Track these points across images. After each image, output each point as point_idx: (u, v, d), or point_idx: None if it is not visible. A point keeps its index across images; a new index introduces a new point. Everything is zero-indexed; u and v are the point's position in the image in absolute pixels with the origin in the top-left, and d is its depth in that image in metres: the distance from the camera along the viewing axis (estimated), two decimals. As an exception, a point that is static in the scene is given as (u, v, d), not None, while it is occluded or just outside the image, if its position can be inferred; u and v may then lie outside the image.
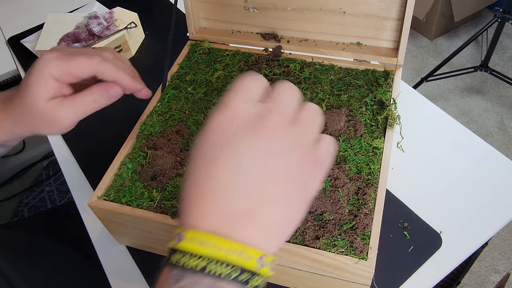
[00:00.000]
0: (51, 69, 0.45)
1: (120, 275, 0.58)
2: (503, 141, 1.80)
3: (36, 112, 0.46)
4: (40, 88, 0.45)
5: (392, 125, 0.56)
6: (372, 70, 0.64)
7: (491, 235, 0.58)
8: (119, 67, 0.48)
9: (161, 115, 0.61)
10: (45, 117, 0.46)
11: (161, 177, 0.53)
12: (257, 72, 0.64)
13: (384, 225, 0.48)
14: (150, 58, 0.89)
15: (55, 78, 0.45)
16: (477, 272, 1.44)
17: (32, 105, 0.46)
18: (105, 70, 0.47)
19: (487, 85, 2.03)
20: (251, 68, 0.65)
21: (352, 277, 0.45)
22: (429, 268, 0.54)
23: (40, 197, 1.71)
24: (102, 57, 0.47)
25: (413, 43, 2.25)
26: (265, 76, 0.64)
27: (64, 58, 0.46)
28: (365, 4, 0.61)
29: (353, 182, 0.50)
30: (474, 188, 0.62)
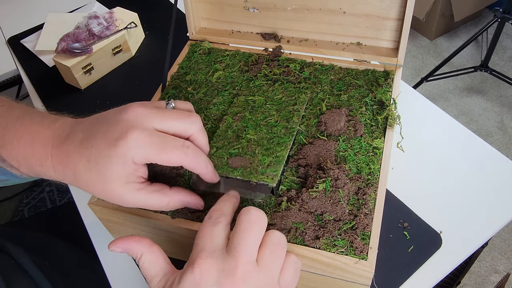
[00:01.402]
0: (136, 156, 0.40)
1: (120, 275, 0.58)
2: (503, 141, 1.80)
3: (106, 190, 0.41)
4: (119, 172, 0.40)
5: (392, 125, 0.56)
6: (372, 70, 0.64)
7: (491, 235, 0.58)
8: (205, 160, 0.44)
9: (161, 115, 0.61)
10: (113, 195, 0.42)
11: (161, 177, 0.53)
12: (257, 71, 0.64)
13: (384, 225, 0.48)
14: (150, 58, 0.89)
15: (136, 163, 0.40)
16: (477, 272, 1.44)
17: (104, 184, 0.41)
18: (193, 167, 0.43)
19: (487, 85, 2.03)
20: (251, 68, 0.65)
21: (352, 277, 0.45)
22: (429, 268, 0.54)
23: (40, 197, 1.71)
24: (190, 152, 0.42)
25: (413, 43, 2.25)
26: (265, 76, 0.64)
27: (156, 147, 0.40)
28: (365, 4, 0.61)
29: (353, 182, 0.50)
30: (474, 188, 0.62)
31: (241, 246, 0.37)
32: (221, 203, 0.43)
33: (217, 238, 0.38)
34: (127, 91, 0.83)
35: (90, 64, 0.83)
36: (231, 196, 0.45)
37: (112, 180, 0.40)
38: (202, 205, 0.48)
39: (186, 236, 0.50)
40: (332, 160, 0.52)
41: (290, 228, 0.47)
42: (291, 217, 0.47)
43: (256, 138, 0.54)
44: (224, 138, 0.55)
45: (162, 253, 0.40)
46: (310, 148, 0.53)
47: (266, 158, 0.51)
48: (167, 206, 0.45)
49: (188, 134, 0.44)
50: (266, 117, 0.57)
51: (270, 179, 0.49)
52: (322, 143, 0.54)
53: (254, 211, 0.39)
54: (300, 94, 0.60)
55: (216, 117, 0.60)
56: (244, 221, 0.38)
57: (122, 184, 0.41)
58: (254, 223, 0.38)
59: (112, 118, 0.42)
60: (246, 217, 0.39)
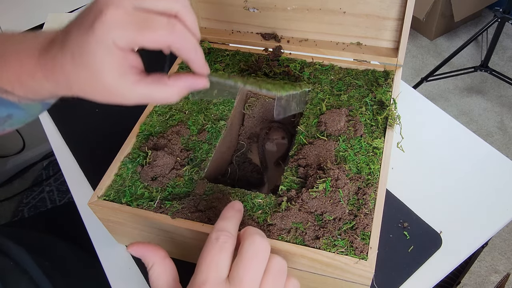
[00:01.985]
0: (117, 38, 0.36)
1: (120, 275, 0.58)
2: (503, 141, 1.80)
3: (101, 87, 0.38)
4: (106, 61, 0.37)
5: (392, 125, 0.56)
6: (372, 70, 0.64)
7: (491, 235, 0.58)
8: (194, 44, 0.40)
9: (161, 115, 0.61)
10: (111, 92, 0.39)
11: (161, 177, 0.53)
12: (257, 70, 0.64)
13: (384, 225, 0.48)
14: (150, 58, 0.89)
15: (119, 48, 0.37)
16: (477, 272, 1.44)
17: (96, 80, 0.38)
18: (182, 47, 0.39)
19: (487, 85, 2.03)
20: (251, 67, 0.65)
21: (352, 277, 0.45)
22: (429, 268, 0.54)
23: (40, 197, 1.71)
24: (178, 28, 0.38)
25: (413, 43, 2.25)
26: (265, 76, 0.64)
27: (137, 26, 0.37)
28: (365, 4, 0.61)
29: (353, 182, 0.50)
30: (474, 188, 0.62)
31: (246, 278, 0.36)
32: (226, 221, 0.40)
33: (222, 266, 0.37)
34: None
35: (90, 64, 0.83)
36: (236, 210, 0.43)
37: (104, 72, 0.37)
38: (206, 83, 0.43)
39: (186, 236, 0.50)
40: (332, 160, 0.52)
41: (290, 228, 0.47)
42: (291, 217, 0.47)
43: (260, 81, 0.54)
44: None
45: (173, 269, 0.40)
46: (310, 148, 0.53)
47: (270, 85, 0.50)
48: (171, 96, 0.41)
49: (173, 13, 0.39)
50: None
51: (275, 90, 0.48)
52: (322, 143, 0.54)
53: (259, 239, 0.38)
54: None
55: (216, 117, 0.60)
56: (249, 250, 0.38)
57: (116, 77, 0.38)
58: (259, 252, 0.38)
59: (88, 5, 0.38)
60: (252, 247, 0.38)
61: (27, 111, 0.45)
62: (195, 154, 0.56)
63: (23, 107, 0.44)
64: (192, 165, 0.55)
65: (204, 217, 0.48)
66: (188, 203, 0.50)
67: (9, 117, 0.46)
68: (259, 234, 0.39)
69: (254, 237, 0.38)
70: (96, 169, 0.58)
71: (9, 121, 0.47)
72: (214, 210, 0.49)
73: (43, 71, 0.39)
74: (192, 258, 0.55)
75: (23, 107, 0.44)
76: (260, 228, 0.47)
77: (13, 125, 0.48)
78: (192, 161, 0.55)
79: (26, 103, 0.44)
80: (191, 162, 0.55)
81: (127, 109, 0.66)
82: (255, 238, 0.38)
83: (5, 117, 0.46)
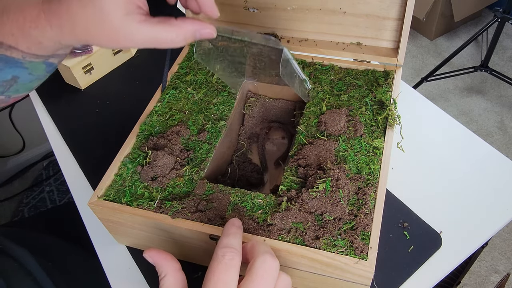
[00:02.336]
0: None
1: (120, 275, 0.58)
2: (503, 141, 1.80)
3: (107, 27, 0.38)
4: (113, 0, 0.37)
5: (392, 125, 0.56)
6: (372, 70, 0.64)
7: (491, 235, 0.58)
8: None
9: (161, 115, 0.61)
10: (116, 32, 0.39)
11: (161, 177, 0.53)
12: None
13: (384, 225, 0.48)
14: (150, 58, 0.89)
15: None
16: (477, 272, 1.44)
17: (102, 19, 0.37)
18: None
19: (487, 85, 2.03)
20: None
21: (352, 277, 0.45)
22: (429, 268, 0.54)
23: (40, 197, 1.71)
24: None
25: (413, 43, 2.25)
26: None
27: None
28: (365, 4, 0.61)
29: (353, 182, 0.50)
30: (474, 188, 0.62)
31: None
32: (231, 238, 0.40)
33: (230, 284, 0.37)
34: (127, 91, 0.83)
35: (90, 64, 0.83)
36: (237, 227, 0.42)
37: (110, 10, 0.37)
38: (213, 32, 0.43)
39: (186, 236, 0.50)
40: (332, 160, 0.52)
41: (290, 228, 0.47)
42: (291, 217, 0.47)
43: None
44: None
45: (184, 282, 0.40)
46: (310, 148, 0.53)
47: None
48: (177, 38, 0.41)
49: None
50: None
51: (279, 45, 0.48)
52: (322, 143, 0.54)
53: (270, 259, 0.38)
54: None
55: (216, 117, 0.60)
56: (260, 269, 0.38)
57: (121, 16, 0.38)
58: (270, 271, 0.38)
59: None
60: (263, 266, 0.38)
61: (31, 71, 0.46)
62: (195, 154, 0.56)
63: (27, 66, 0.45)
64: (192, 165, 0.55)
65: (204, 217, 0.48)
66: (188, 203, 0.50)
67: (14, 80, 0.46)
68: (270, 254, 0.39)
69: (265, 256, 0.38)
70: (96, 169, 0.58)
71: (15, 85, 0.47)
72: (214, 210, 0.49)
73: (47, 17, 0.39)
74: (192, 258, 0.55)
75: (27, 65, 0.44)
76: (260, 228, 0.47)
77: (18, 90, 0.48)
78: (192, 161, 0.55)
79: (30, 61, 0.44)
80: (191, 162, 0.55)
81: (127, 109, 0.66)
82: (266, 258, 0.38)
83: (10, 80, 0.46)
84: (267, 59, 0.52)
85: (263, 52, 0.50)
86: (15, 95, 0.50)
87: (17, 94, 0.50)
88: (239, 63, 0.57)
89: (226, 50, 0.53)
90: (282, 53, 0.49)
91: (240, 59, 0.55)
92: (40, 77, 0.48)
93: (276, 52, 0.49)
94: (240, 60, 0.55)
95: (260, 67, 0.55)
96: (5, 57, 0.43)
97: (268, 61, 0.52)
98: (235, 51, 0.52)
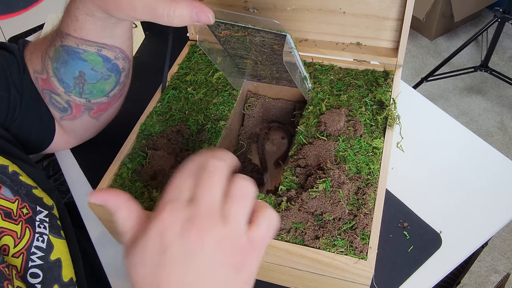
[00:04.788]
0: None
1: (120, 275, 0.58)
2: (503, 141, 1.80)
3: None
4: None
5: (392, 125, 0.56)
6: (372, 70, 0.64)
7: (491, 235, 0.58)
8: None
9: (161, 115, 0.61)
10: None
11: (161, 177, 0.53)
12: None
13: (384, 225, 0.48)
14: (150, 58, 0.89)
15: None
16: (477, 272, 1.44)
17: None
18: None
19: (487, 85, 2.03)
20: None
21: (352, 277, 0.45)
22: (429, 268, 0.54)
23: (40, 197, 1.71)
24: None
25: (413, 43, 2.25)
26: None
27: None
28: (365, 4, 0.61)
29: (353, 182, 0.50)
30: (474, 188, 0.62)
31: (202, 194, 0.34)
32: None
33: (183, 188, 0.35)
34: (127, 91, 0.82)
35: (90, 64, 0.83)
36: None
37: None
38: (210, 18, 0.44)
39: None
40: (331, 160, 0.52)
41: (290, 228, 0.47)
42: (291, 217, 0.47)
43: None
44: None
45: (138, 209, 0.38)
46: (310, 148, 0.53)
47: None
48: (173, 14, 0.42)
49: None
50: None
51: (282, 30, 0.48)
52: (321, 143, 0.54)
53: (212, 168, 0.36)
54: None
55: (216, 117, 0.60)
56: (205, 177, 0.35)
57: None
58: (215, 173, 0.36)
59: None
60: (206, 175, 0.35)
61: (91, 65, 0.54)
62: (195, 154, 0.56)
63: (85, 57, 0.53)
64: (192, 165, 0.54)
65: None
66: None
67: (83, 77, 0.55)
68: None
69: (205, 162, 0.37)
70: (96, 169, 0.58)
71: (86, 84, 0.56)
72: (214, 210, 0.49)
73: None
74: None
75: (84, 56, 0.53)
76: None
77: (92, 92, 0.57)
78: (192, 161, 0.55)
79: (84, 50, 0.53)
80: (191, 162, 0.55)
81: (127, 109, 0.66)
82: (207, 164, 0.36)
83: (79, 77, 0.55)
84: (270, 50, 0.51)
85: (265, 41, 0.50)
86: (94, 99, 0.59)
87: (94, 98, 0.59)
88: (240, 58, 0.57)
89: (228, 42, 0.53)
90: (285, 39, 0.48)
91: (242, 53, 0.55)
92: (104, 76, 0.56)
93: (279, 39, 0.49)
94: (242, 55, 0.55)
95: (262, 61, 0.55)
96: (66, 47, 0.53)
97: (271, 52, 0.52)
98: (237, 41, 0.52)
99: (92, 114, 0.61)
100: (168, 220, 0.33)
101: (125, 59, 0.57)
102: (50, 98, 0.59)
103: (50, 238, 0.50)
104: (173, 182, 0.36)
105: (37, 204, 0.51)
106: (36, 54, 0.58)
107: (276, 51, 0.51)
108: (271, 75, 0.59)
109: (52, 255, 0.49)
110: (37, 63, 0.58)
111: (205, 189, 0.35)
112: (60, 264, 0.50)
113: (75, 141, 0.69)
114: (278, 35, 0.48)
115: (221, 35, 0.51)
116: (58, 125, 0.64)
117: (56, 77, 0.56)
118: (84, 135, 0.67)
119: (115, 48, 0.54)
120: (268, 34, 0.48)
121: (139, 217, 0.38)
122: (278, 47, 0.50)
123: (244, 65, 0.59)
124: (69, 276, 0.50)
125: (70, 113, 0.60)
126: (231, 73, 0.61)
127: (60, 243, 0.52)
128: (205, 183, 0.35)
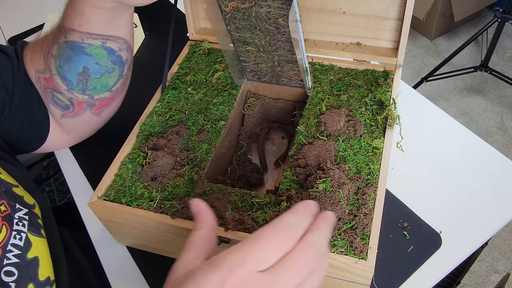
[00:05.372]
0: None
1: (120, 275, 0.58)
2: (503, 141, 1.80)
3: None
4: None
5: (392, 125, 0.56)
6: (372, 70, 0.64)
7: (491, 235, 0.58)
8: None
9: (161, 115, 0.61)
10: None
11: (161, 177, 0.53)
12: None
13: (384, 225, 0.48)
14: (150, 58, 0.89)
15: None
16: (477, 272, 1.44)
17: None
18: None
19: (487, 85, 2.03)
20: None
21: (352, 277, 0.45)
22: (429, 268, 0.54)
23: (40, 197, 1.71)
24: None
25: (413, 43, 2.25)
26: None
27: None
28: (365, 4, 0.61)
29: (353, 182, 0.50)
30: (474, 188, 0.62)
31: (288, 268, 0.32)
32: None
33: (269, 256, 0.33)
34: (127, 91, 0.83)
35: (90, 64, 0.83)
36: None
37: None
38: None
39: (186, 236, 0.50)
40: (331, 160, 0.52)
41: (290, 228, 0.46)
42: (291, 217, 0.47)
43: None
44: None
45: (213, 242, 0.38)
46: (309, 148, 0.53)
47: None
48: None
49: None
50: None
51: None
52: (321, 143, 0.54)
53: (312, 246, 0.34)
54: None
55: (216, 117, 0.60)
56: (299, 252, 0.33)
57: None
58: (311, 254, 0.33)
59: None
60: (302, 250, 0.33)
61: (96, 59, 0.54)
62: (195, 154, 0.56)
63: (90, 52, 0.54)
64: (192, 165, 0.55)
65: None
66: (188, 203, 0.50)
67: (86, 73, 0.55)
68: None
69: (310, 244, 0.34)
70: (96, 169, 0.58)
71: (90, 80, 0.56)
72: (214, 210, 0.49)
73: None
74: (192, 258, 0.55)
75: (89, 50, 0.54)
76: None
77: (96, 88, 0.57)
78: (192, 161, 0.55)
79: (89, 44, 0.53)
80: (191, 162, 0.55)
81: (127, 109, 0.66)
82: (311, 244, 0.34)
83: (83, 73, 0.55)
84: (274, 26, 0.50)
85: (271, 13, 0.49)
86: (97, 95, 0.59)
87: (98, 93, 0.59)
88: (244, 45, 0.56)
89: (233, 20, 0.52)
90: (292, 2, 0.47)
91: (246, 36, 0.54)
92: (109, 69, 0.57)
93: (285, 7, 0.47)
94: (246, 38, 0.54)
95: (265, 47, 0.54)
96: (70, 42, 0.53)
97: (275, 30, 0.51)
98: (243, 18, 0.51)
99: (94, 111, 0.61)
100: (239, 277, 0.31)
101: (128, 50, 0.58)
102: (52, 97, 0.59)
103: (28, 236, 0.49)
104: (264, 235, 0.33)
105: (17, 202, 0.51)
106: (38, 53, 0.58)
107: (280, 28, 0.50)
108: (272, 68, 0.59)
109: (29, 254, 0.49)
110: (40, 63, 0.58)
111: (292, 268, 0.32)
112: (37, 263, 0.49)
113: (73, 140, 0.69)
114: (285, 2, 0.47)
115: (228, 8, 0.50)
116: (56, 124, 0.63)
117: (59, 75, 0.56)
118: (83, 132, 0.67)
119: (119, 39, 0.55)
120: (274, 2, 0.48)
121: (209, 248, 0.37)
122: (283, 21, 0.49)
123: (246, 56, 0.59)
124: (46, 275, 0.50)
125: (72, 110, 0.60)
126: (235, 66, 0.61)
127: (39, 241, 0.51)
128: (295, 263, 0.32)
